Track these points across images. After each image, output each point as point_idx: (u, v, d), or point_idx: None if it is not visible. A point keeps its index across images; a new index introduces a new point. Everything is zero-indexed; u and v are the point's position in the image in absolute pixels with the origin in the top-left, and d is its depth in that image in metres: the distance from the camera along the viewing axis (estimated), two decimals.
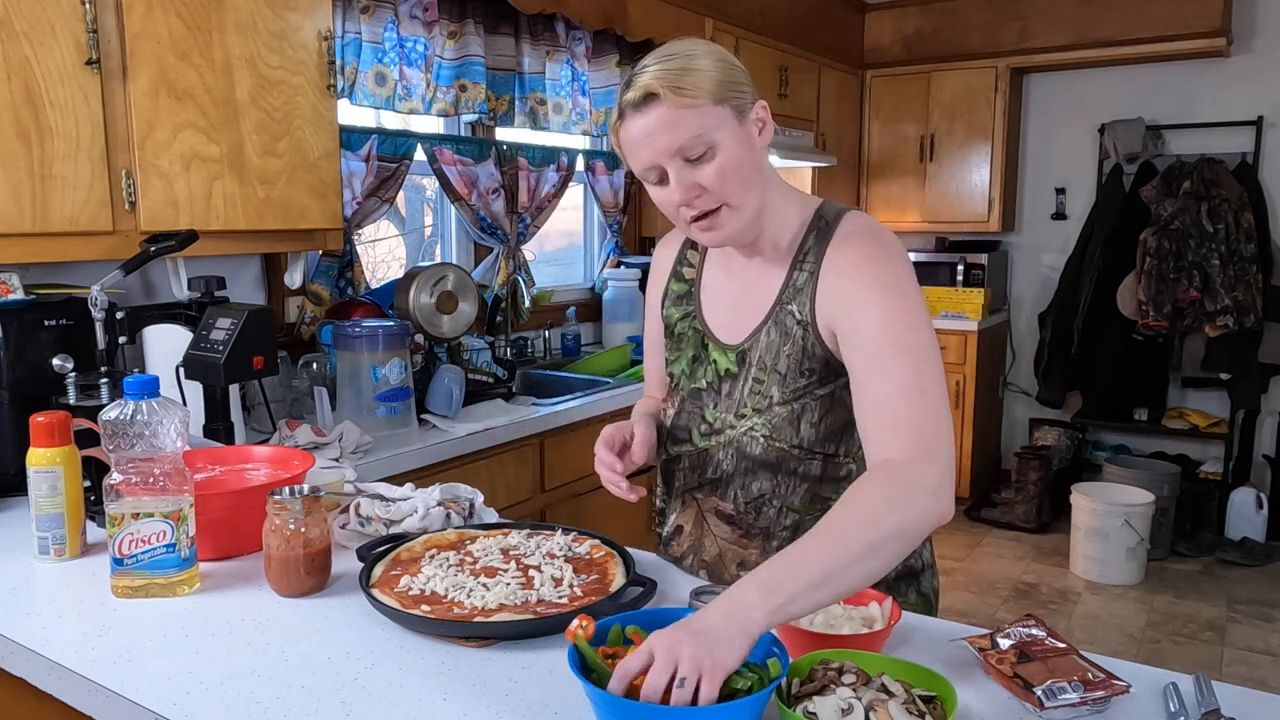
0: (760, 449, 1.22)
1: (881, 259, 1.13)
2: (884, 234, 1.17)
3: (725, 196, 1.11)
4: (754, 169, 1.13)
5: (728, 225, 1.13)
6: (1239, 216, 4.17)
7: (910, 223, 5.04)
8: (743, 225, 1.15)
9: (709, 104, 1.07)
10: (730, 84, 1.09)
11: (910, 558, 1.27)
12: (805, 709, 0.84)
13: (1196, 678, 0.96)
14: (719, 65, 1.09)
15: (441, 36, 2.83)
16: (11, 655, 1.10)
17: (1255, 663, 3.25)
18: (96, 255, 1.84)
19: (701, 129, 1.07)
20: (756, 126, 1.13)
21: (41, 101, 1.71)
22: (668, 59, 1.08)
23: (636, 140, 1.10)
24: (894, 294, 1.10)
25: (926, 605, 1.30)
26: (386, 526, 1.39)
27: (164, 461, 1.20)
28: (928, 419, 1.04)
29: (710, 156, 1.09)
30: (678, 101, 1.06)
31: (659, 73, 1.07)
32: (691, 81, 1.07)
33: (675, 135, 1.07)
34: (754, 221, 1.16)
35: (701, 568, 1.33)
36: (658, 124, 1.08)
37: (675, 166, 1.10)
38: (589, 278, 3.95)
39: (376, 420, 2.23)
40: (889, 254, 1.14)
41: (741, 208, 1.13)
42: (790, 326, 1.18)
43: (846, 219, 1.19)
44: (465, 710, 0.93)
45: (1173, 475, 4.26)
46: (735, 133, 1.10)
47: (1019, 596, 3.83)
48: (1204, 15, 4.17)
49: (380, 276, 3.05)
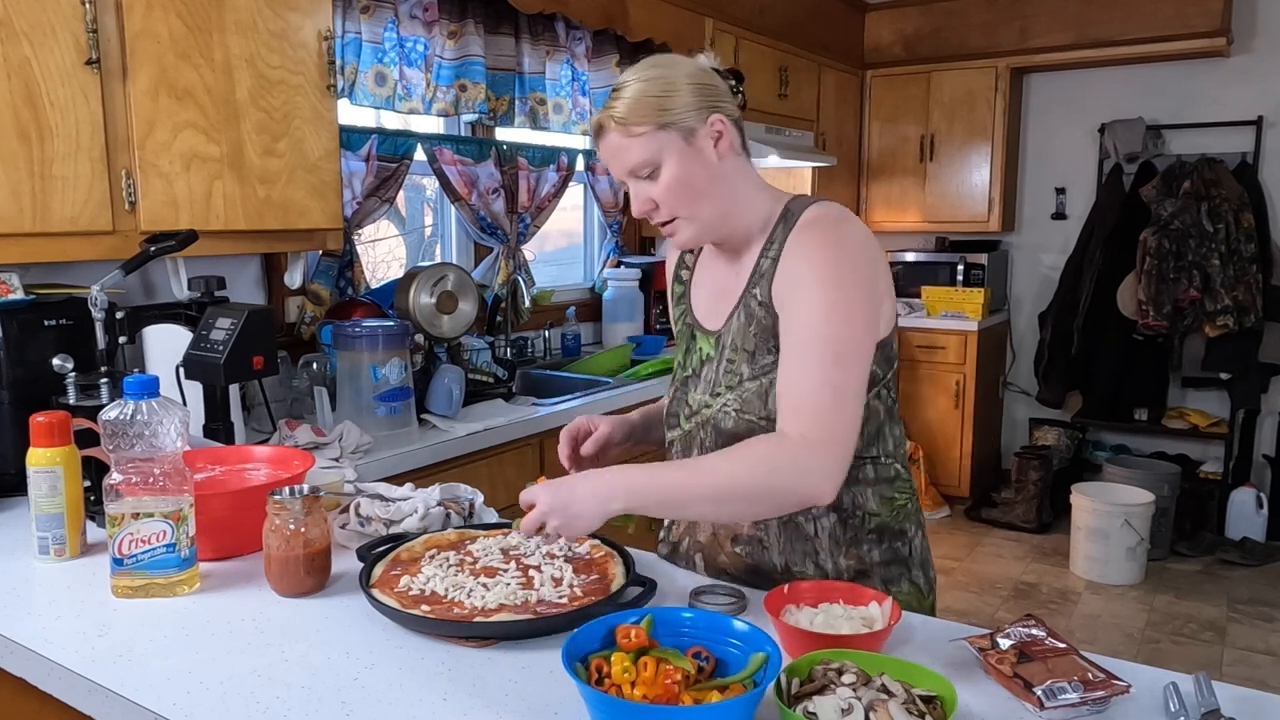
0: (732, 423, 1.26)
1: (830, 249, 1.17)
2: (844, 226, 1.20)
3: (675, 210, 1.22)
4: (707, 181, 1.21)
5: (684, 231, 1.24)
6: (1239, 216, 4.17)
7: (910, 223, 5.04)
8: (700, 229, 1.24)
9: (653, 130, 1.18)
10: (672, 110, 1.18)
11: (896, 542, 1.29)
12: (805, 709, 0.84)
13: (1196, 678, 0.96)
14: (665, 93, 1.19)
15: (441, 36, 2.83)
16: (11, 655, 1.10)
17: (1255, 663, 3.25)
18: (96, 255, 1.84)
19: (646, 154, 1.19)
20: (712, 139, 1.21)
21: (41, 101, 1.71)
22: (617, 91, 1.21)
23: (603, 160, 1.26)
24: (831, 285, 1.15)
25: (918, 595, 1.32)
26: (386, 526, 1.39)
27: (164, 461, 1.20)
28: (834, 411, 1.11)
29: (657, 176, 1.20)
30: (623, 132, 1.19)
31: (609, 106, 1.21)
32: (635, 113, 1.18)
33: (624, 161, 1.21)
34: (715, 224, 1.25)
35: (697, 550, 1.36)
36: (608, 152, 1.23)
37: (631, 183, 1.23)
38: (589, 278, 3.95)
39: (376, 420, 2.22)
40: (840, 245, 1.17)
41: (694, 217, 1.23)
42: (755, 309, 1.24)
43: (812, 209, 1.23)
44: (465, 710, 0.93)
45: (1173, 475, 4.26)
46: (682, 152, 1.19)
47: (1019, 596, 3.83)
48: (1204, 15, 4.17)
49: (380, 276, 3.05)
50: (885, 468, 1.28)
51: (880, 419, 1.27)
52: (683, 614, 0.99)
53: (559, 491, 1.11)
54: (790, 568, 1.28)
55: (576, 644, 0.92)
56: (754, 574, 1.29)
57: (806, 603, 1.09)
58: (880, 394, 1.25)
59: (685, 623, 0.98)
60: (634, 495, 1.10)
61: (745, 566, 1.30)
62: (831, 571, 1.27)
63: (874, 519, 1.27)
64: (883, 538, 1.28)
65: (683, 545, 1.39)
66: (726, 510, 1.15)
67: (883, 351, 1.22)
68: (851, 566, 1.27)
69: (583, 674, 0.88)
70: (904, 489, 1.31)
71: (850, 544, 1.27)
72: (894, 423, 1.30)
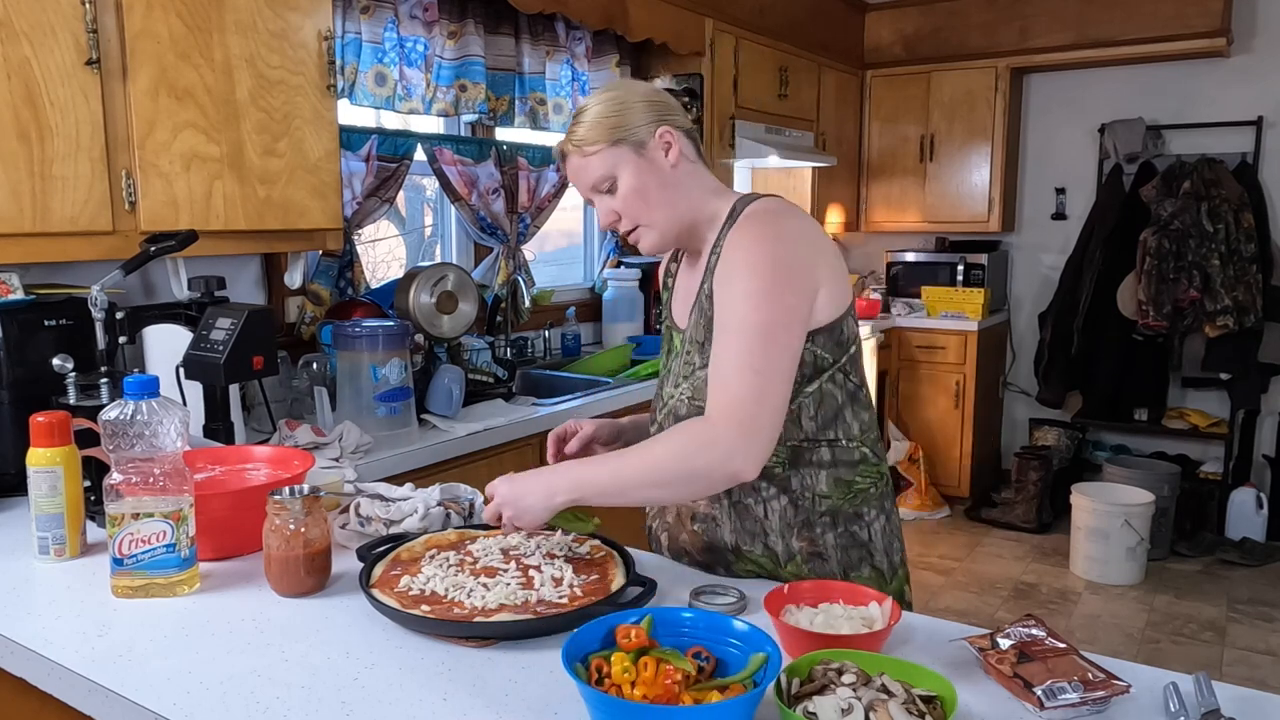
0: (685, 410, 1.33)
1: (759, 240, 1.22)
2: (778, 218, 1.25)
3: (636, 218, 1.30)
4: (660, 188, 1.29)
5: (646, 238, 1.32)
6: (1239, 216, 4.17)
7: (910, 223, 5.04)
8: (661, 235, 1.32)
9: (606, 147, 1.27)
10: (624, 126, 1.27)
11: (853, 526, 1.31)
12: (805, 709, 0.84)
13: (1196, 678, 0.96)
14: (615, 112, 1.28)
15: (441, 36, 2.84)
16: (11, 655, 1.10)
17: (1255, 663, 3.25)
18: (96, 255, 1.84)
19: (603, 169, 1.28)
20: (662, 149, 1.29)
21: (41, 101, 1.71)
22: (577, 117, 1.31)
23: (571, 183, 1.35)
24: (755, 274, 1.20)
25: (880, 580, 1.33)
26: (386, 526, 1.39)
27: (164, 461, 1.20)
28: (751, 394, 1.16)
29: (615, 189, 1.29)
30: (580, 153, 1.29)
31: (570, 133, 1.30)
32: (589, 135, 1.28)
33: (584, 179, 1.31)
34: (674, 228, 1.32)
35: (664, 530, 1.42)
36: (572, 174, 1.33)
37: (595, 199, 1.32)
38: (589, 278, 3.95)
39: (376, 420, 2.22)
40: (770, 235, 1.22)
41: (654, 224, 1.31)
42: (704, 303, 1.32)
43: (751, 205, 1.30)
44: (465, 710, 0.93)
45: (1173, 475, 4.26)
46: (636, 164, 1.28)
47: (1019, 596, 3.83)
48: (1204, 15, 4.17)
49: (380, 276, 3.05)
50: (847, 451, 1.30)
51: (838, 403, 1.29)
52: (683, 614, 0.99)
53: (514, 484, 1.21)
54: (740, 547, 1.32)
55: (576, 644, 0.92)
56: (709, 552, 1.34)
57: (806, 603, 1.10)
58: (835, 378, 1.28)
59: (685, 623, 0.98)
60: (578, 487, 1.18)
61: (702, 544, 1.35)
62: (782, 553, 1.30)
63: (824, 501, 1.29)
64: (836, 521, 1.30)
65: (654, 527, 1.45)
66: (663, 493, 1.21)
67: (832, 336, 1.26)
68: (804, 549, 1.30)
69: (583, 674, 0.88)
70: (868, 473, 1.32)
71: (802, 526, 1.29)
72: (859, 407, 1.32)
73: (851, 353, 1.31)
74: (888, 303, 4.96)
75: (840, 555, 1.31)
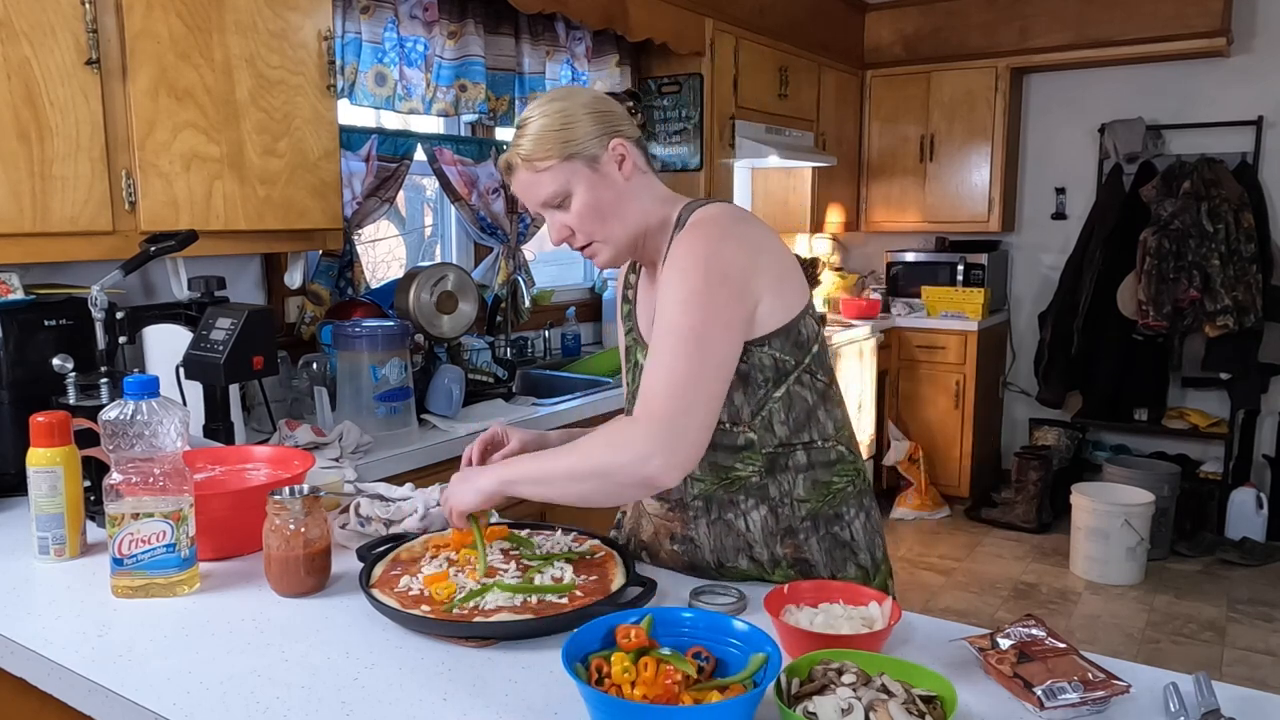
0: None
1: (691, 247, 1.21)
2: (715, 224, 1.23)
3: (590, 234, 1.28)
4: (615, 202, 1.26)
5: (602, 253, 1.30)
6: (1239, 216, 4.17)
7: (910, 223, 5.04)
8: (616, 249, 1.30)
9: (559, 162, 1.23)
10: (575, 140, 1.24)
11: (834, 528, 1.30)
12: (805, 709, 0.84)
13: (1196, 678, 0.96)
14: (565, 125, 1.24)
15: (441, 36, 2.83)
16: (11, 655, 1.10)
17: (1255, 663, 3.25)
18: (96, 255, 1.84)
19: (555, 185, 1.24)
20: (616, 162, 1.26)
21: (41, 101, 1.71)
22: (521, 129, 1.26)
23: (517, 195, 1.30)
24: (684, 280, 1.19)
25: (864, 578, 1.33)
26: (386, 526, 1.39)
27: (164, 461, 1.20)
28: (672, 395, 1.15)
29: (569, 205, 1.26)
30: (530, 168, 1.25)
31: (515, 145, 1.26)
32: (540, 148, 1.23)
33: (535, 195, 1.26)
34: (630, 242, 1.30)
35: (641, 548, 1.40)
36: (520, 188, 1.28)
37: (546, 214, 1.29)
38: (589, 278, 3.95)
39: (376, 420, 2.22)
40: (701, 241, 1.21)
41: (608, 239, 1.28)
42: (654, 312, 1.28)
43: (695, 212, 1.27)
44: (465, 710, 0.93)
45: (1173, 475, 4.26)
46: (588, 179, 1.25)
47: (1019, 596, 3.83)
48: (1204, 15, 4.16)
49: (380, 276, 3.05)
50: (823, 451, 1.29)
51: (810, 404, 1.28)
52: (683, 614, 0.99)
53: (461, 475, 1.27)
54: (723, 563, 1.31)
55: (576, 644, 0.92)
56: (692, 570, 1.33)
57: (806, 603, 1.10)
58: (803, 379, 1.27)
59: (685, 623, 0.98)
60: (507, 479, 1.20)
61: (683, 564, 1.34)
62: (768, 561, 1.29)
63: (803, 505, 1.28)
64: (818, 524, 1.29)
65: (630, 545, 1.44)
66: (582, 488, 1.18)
67: (789, 338, 1.25)
68: (789, 555, 1.29)
69: (583, 674, 0.88)
70: (845, 471, 1.31)
71: (785, 533, 1.29)
72: (831, 405, 1.31)
73: (814, 352, 1.28)
74: (888, 303, 4.96)
75: (825, 559, 1.30)
